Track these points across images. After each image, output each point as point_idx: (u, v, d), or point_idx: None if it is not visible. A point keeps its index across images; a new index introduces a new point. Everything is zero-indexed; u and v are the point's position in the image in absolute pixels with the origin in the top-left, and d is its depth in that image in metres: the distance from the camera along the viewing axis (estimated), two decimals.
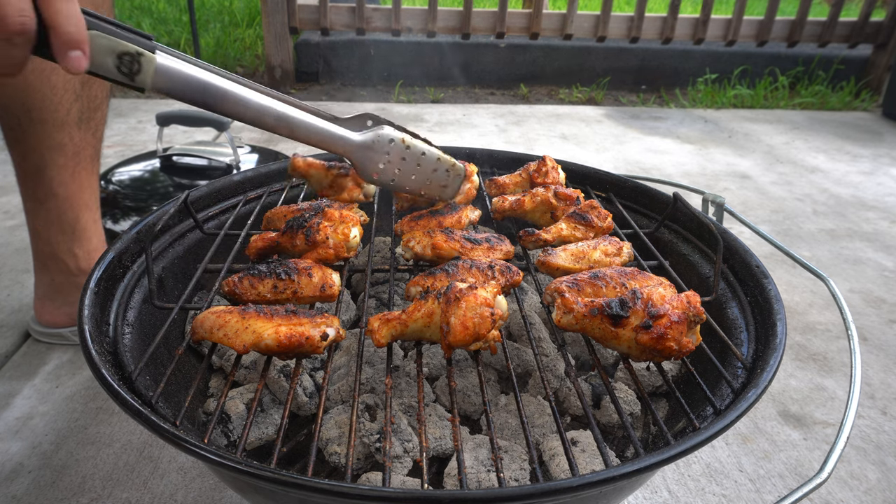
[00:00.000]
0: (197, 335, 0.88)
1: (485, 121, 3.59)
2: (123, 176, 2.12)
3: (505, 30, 3.95)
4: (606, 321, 0.85)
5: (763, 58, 4.44)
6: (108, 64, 0.81)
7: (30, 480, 1.18)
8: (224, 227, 1.23)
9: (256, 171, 1.42)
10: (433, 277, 0.99)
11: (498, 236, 1.14)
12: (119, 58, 0.81)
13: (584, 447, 0.98)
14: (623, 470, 0.67)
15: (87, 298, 0.92)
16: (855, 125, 3.83)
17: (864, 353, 1.69)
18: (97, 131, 1.40)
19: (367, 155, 1.06)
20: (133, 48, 0.81)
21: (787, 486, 1.25)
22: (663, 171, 2.95)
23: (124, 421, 1.32)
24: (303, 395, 1.08)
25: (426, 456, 0.72)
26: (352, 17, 3.83)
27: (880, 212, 2.62)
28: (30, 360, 1.49)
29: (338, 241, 1.05)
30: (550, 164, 1.35)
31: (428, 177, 1.14)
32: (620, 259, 1.09)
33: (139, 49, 0.82)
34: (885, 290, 2.01)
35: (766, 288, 1.03)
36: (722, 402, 0.87)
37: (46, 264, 1.45)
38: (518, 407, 0.80)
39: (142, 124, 3.15)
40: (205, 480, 1.18)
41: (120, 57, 0.81)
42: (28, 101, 1.24)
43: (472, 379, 1.08)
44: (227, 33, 4.50)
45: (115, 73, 0.82)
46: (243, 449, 0.73)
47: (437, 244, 1.08)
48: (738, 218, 1.32)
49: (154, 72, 0.84)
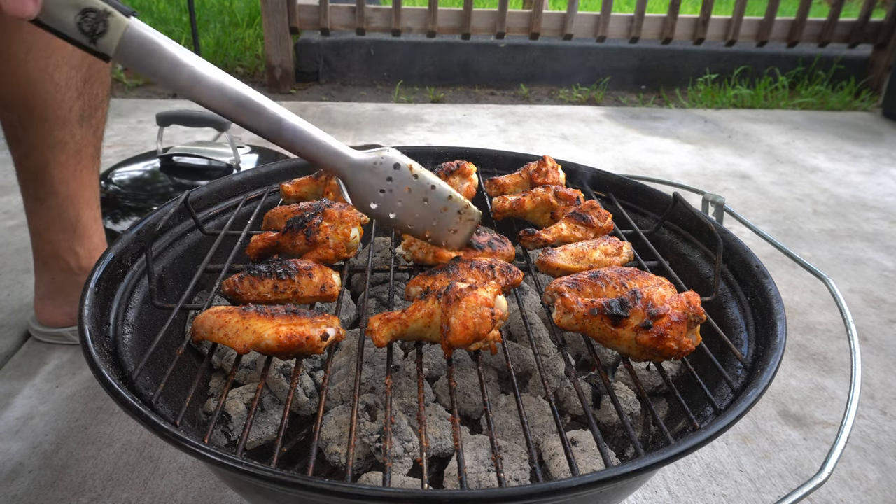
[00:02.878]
0: (197, 335, 0.88)
1: (485, 121, 3.59)
2: (123, 176, 2.12)
3: (505, 30, 3.95)
4: (606, 321, 0.85)
5: (763, 58, 4.44)
6: (67, 18, 0.69)
7: (30, 480, 1.18)
8: (224, 227, 1.23)
9: (256, 171, 1.42)
10: (433, 277, 0.99)
11: (500, 238, 1.14)
12: (82, 13, 0.70)
13: (584, 447, 0.98)
14: (623, 470, 0.67)
15: (87, 298, 0.92)
16: (855, 125, 3.83)
17: (864, 353, 1.69)
18: (98, 129, 1.40)
19: (365, 178, 0.91)
20: (101, 5, 0.70)
21: (787, 486, 1.25)
22: (663, 171, 2.95)
23: (124, 421, 1.32)
24: (303, 395, 1.08)
25: (426, 456, 0.72)
26: (352, 17, 3.83)
27: (880, 212, 2.62)
28: (30, 359, 1.49)
29: (338, 242, 1.05)
30: (550, 164, 1.35)
31: (435, 216, 0.98)
32: (620, 259, 1.09)
33: (108, 7, 0.71)
34: (885, 290, 2.01)
35: (766, 288, 1.03)
36: (722, 402, 0.87)
37: (47, 263, 1.45)
38: (518, 407, 0.80)
39: (142, 124, 3.15)
40: (205, 480, 1.18)
41: (84, 13, 0.70)
42: (30, 98, 1.24)
43: (472, 379, 1.08)
44: (227, 33, 4.50)
45: (75, 30, 0.70)
46: (243, 449, 0.73)
47: (438, 252, 1.08)
48: (738, 218, 1.32)
49: (122, 37, 0.72)
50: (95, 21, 0.70)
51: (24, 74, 1.21)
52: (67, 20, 0.70)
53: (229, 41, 4.41)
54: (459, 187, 1.32)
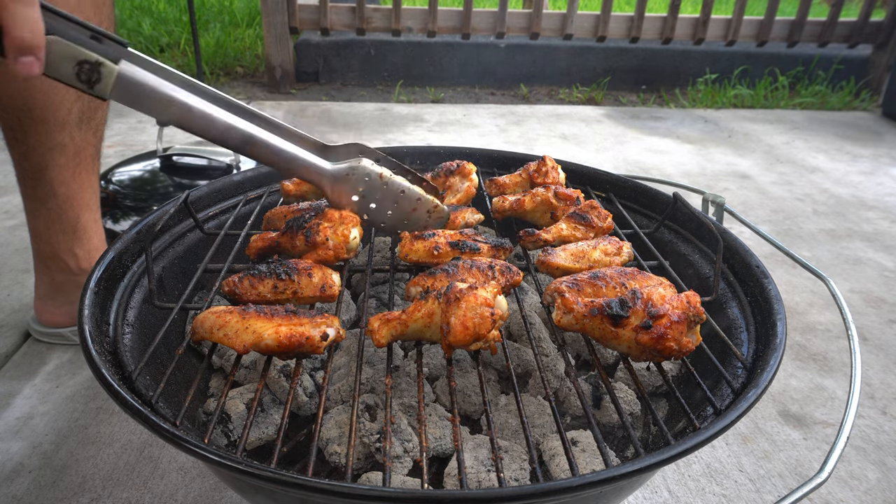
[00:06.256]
0: (197, 335, 0.88)
1: (485, 121, 3.59)
2: (123, 176, 2.12)
3: (505, 30, 3.95)
4: (606, 321, 0.85)
5: (763, 58, 4.44)
6: (66, 70, 0.80)
7: (30, 480, 1.18)
8: (224, 227, 1.23)
9: (256, 171, 1.42)
10: (433, 277, 0.99)
11: (499, 241, 1.14)
12: (79, 65, 0.80)
13: (584, 447, 0.98)
14: (623, 470, 0.67)
15: (87, 298, 0.92)
16: (855, 125, 3.83)
17: (864, 353, 1.69)
18: (98, 131, 1.40)
19: (339, 186, 1.04)
20: (93, 57, 0.80)
21: (787, 486, 1.25)
22: (663, 171, 2.95)
23: (124, 421, 1.32)
24: (303, 395, 1.08)
25: (426, 456, 0.72)
26: (352, 17, 3.83)
27: (880, 212, 2.62)
28: (30, 359, 1.49)
29: (337, 242, 1.05)
30: (550, 164, 1.35)
31: (406, 216, 1.10)
32: (620, 259, 1.09)
33: (99, 58, 0.81)
34: (885, 290, 2.01)
35: (766, 288, 1.03)
36: (722, 402, 0.87)
37: (47, 264, 1.45)
38: (518, 407, 0.80)
39: (142, 124, 3.15)
40: (205, 480, 1.18)
41: (80, 64, 0.80)
42: (29, 100, 1.24)
43: (472, 379, 1.08)
44: (227, 33, 4.50)
45: (74, 79, 0.81)
46: (243, 449, 0.73)
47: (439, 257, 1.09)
48: (738, 218, 1.32)
49: (114, 83, 0.83)
50: (90, 71, 0.81)
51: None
52: (67, 72, 0.81)
53: (229, 41, 4.41)
54: (459, 187, 1.32)
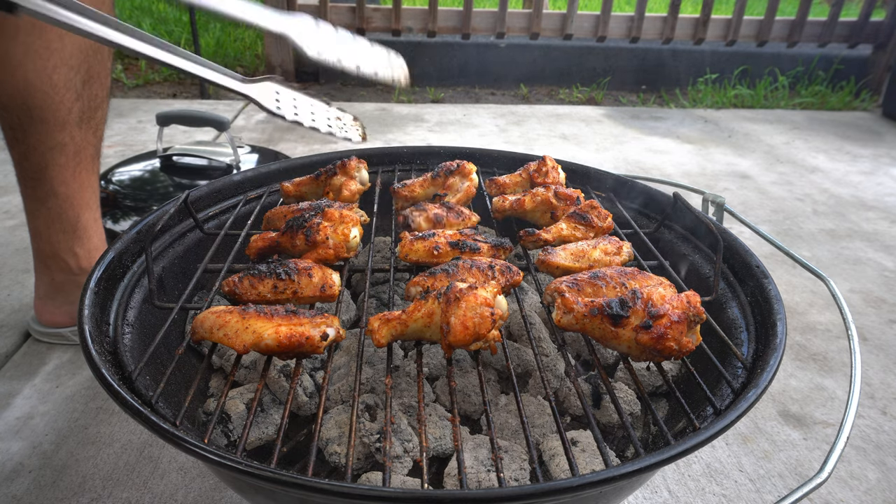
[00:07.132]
0: (197, 335, 0.88)
1: (485, 121, 3.59)
2: (123, 176, 2.12)
3: (505, 30, 3.95)
4: (606, 321, 0.85)
5: (763, 58, 4.44)
6: None
7: (30, 480, 1.18)
8: (224, 227, 1.23)
9: (256, 171, 1.42)
10: (433, 277, 0.99)
11: (499, 241, 1.14)
12: None
13: (584, 447, 0.98)
14: (623, 470, 0.67)
15: (87, 298, 0.92)
16: (855, 125, 3.83)
17: (864, 353, 1.69)
18: (98, 130, 1.40)
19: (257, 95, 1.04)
20: None
21: (787, 486, 1.25)
22: (663, 171, 2.95)
23: (124, 421, 1.32)
24: (303, 395, 1.08)
25: (426, 456, 0.72)
26: (352, 16, 3.83)
27: (880, 212, 2.62)
28: (30, 359, 1.49)
29: (338, 242, 1.05)
30: (550, 163, 1.35)
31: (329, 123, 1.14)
32: (620, 258, 1.09)
33: None
34: (885, 290, 2.01)
35: (766, 288, 1.03)
36: (722, 402, 0.87)
37: (47, 264, 1.45)
38: (518, 407, 0.80)
39: (142, 124, 3.15)
40: (205, 480, 1.18)
41: None
42: (29, 100, 1.24)
43: (472, 379, 1.08)
44: (227, 33, 4.50)
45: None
46: (243, 449, 0.73)
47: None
48: (738, 218, 1.32)
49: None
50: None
51: (23, 76, 1.21)
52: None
53: (229, 41, 4.41)
54: (459, 187, 1.32)
